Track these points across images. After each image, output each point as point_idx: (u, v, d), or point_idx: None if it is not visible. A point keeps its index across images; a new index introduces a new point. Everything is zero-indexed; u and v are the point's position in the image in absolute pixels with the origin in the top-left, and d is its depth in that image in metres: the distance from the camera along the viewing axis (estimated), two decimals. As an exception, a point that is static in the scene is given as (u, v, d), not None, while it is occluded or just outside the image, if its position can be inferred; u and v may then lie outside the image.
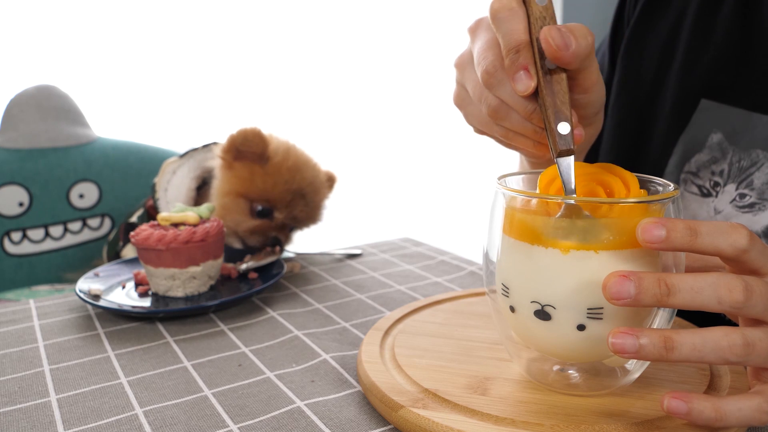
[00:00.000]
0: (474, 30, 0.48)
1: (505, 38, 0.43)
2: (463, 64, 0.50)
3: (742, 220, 0.58)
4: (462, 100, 0.52)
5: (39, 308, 0.67)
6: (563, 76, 0.43)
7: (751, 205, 0.57)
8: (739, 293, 0.35)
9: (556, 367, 0.46)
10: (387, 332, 0.53)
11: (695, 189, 0.62)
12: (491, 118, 0.47)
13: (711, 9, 0.64)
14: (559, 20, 2.37)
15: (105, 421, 0.44)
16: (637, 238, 0.36)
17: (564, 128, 0.42)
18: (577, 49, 0.41)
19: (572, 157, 0.42)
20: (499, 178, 0.45)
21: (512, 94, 0.44)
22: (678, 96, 0.65)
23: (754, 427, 0.40)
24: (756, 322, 0.37)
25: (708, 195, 0.60)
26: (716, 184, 0.59)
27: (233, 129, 0.81)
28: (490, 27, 0.45)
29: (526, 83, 0.42)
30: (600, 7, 2.17)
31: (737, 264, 0.38)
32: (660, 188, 0.43)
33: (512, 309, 0.42)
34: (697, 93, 0.63)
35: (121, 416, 0.45)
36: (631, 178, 0.41)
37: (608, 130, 0.74)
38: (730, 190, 0.59)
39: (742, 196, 0.58)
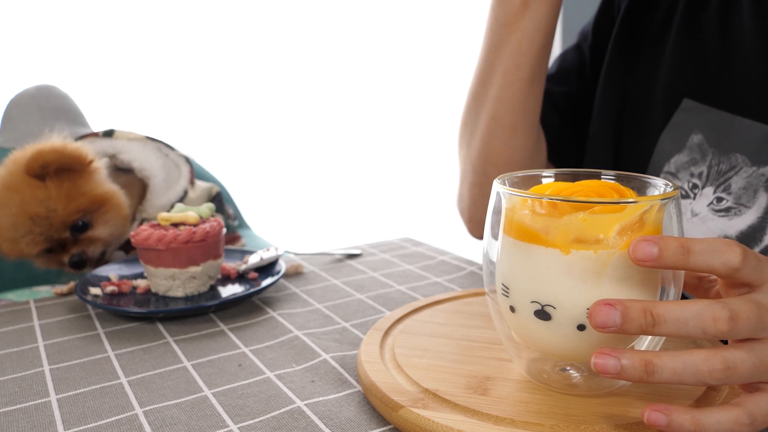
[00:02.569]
0: None
1: None
2: None
3: (718, 223, 0.58)
4: None
5: (39, 308, 0.67)
6: None
7: (727, 210, 0.57)
8: (724, 324, 0.35)
9: (556, 367, 0.46)
10: (387, 332, 0.53)
11: None
12: None
13: (698, 7, 0.63)
14: (558, 21, 2.37)
15: (105, 421, 0.44)
16: (628, 255, 0.36)
17: None
18: None
19: None
20: (499, 178, 0.45)
21: None
22: (663, 93, 0.64)
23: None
24: (743, 340, 0.37)
25: (686, 197, 0.60)
26: (695, 186, 0.60)
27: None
28: None
29: None
30: (600, 7, 2.17)
31: (729, 280, 0.38)
32: (660, 188, 0.43)
33: (512, 309, 0.42)
34: (681, 92, 0.63)
35: (121, 416, 0.45)
36: (629, 192, 0.41)
37: (595, 123, 0.73)
38: (707, 194, 0.59)
39: (719, 199, 0.58)
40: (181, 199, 0.84)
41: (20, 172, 0.73)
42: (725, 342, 0.49)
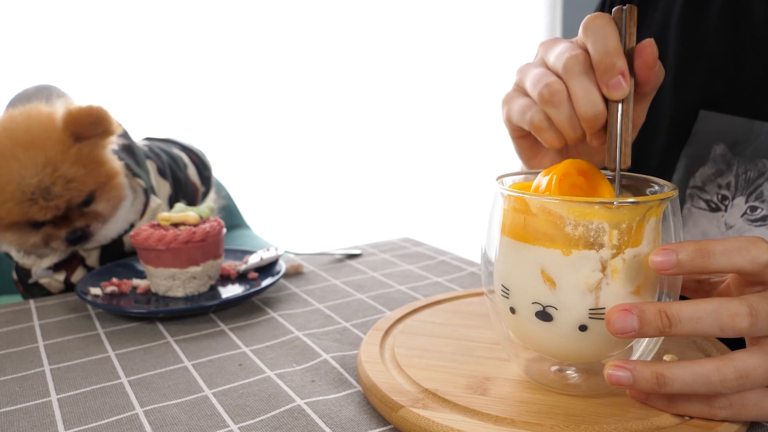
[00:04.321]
0: (549, 42, 0.48)
1: (603, 42, 0.42)
2: (526, 67, 0.49)
3: (756, 234, 0.56)
4: (511, 98, 0.51)
5: (39, 308, 0.67)
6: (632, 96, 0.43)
7: (764, 218, 0.55)
8: (743, 320, 0.35)
9: (554, 368, 0.46)
10: (387, 332, 0.54)
11: (703, 204, 0.60)
12: (544, 99, 0.45)
13: (695, 16, 0.62)
14: (558, 21, 2.36)
15: (105, 420, 0.44)
16: (650, 266, 0.37)
17: (627, 149, 0.42)
18: (659, 73, 0.43)
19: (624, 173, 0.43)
20: (498, 179, 0.45)
21: (586, 88, 0.43)
22: (675, 110, 0.63)
23: (757, 425, 0.41)
24: (760, 338, 0.37)
25: (717, 209, 0.58)
26: (724, 197, 0.58)
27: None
28: (568, 41, 0.46)
29: (623, 88, 0.41)
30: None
31: (754, 278, 0.38)
32: (660, 188, 0.43)
33: (512, 310, 0.42)
34: (695, 105, 0.61)
35: (122, 416, 0.45)
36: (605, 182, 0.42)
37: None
38: (739, 204, 0.57)
39: (753, 209, 0.56)
40: (125, 232, 0.78)
41: (43, 130, 0.68)
42: (735, 342, 0.49)
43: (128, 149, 0.84)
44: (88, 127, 0.70)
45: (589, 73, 0.43)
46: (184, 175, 0.95)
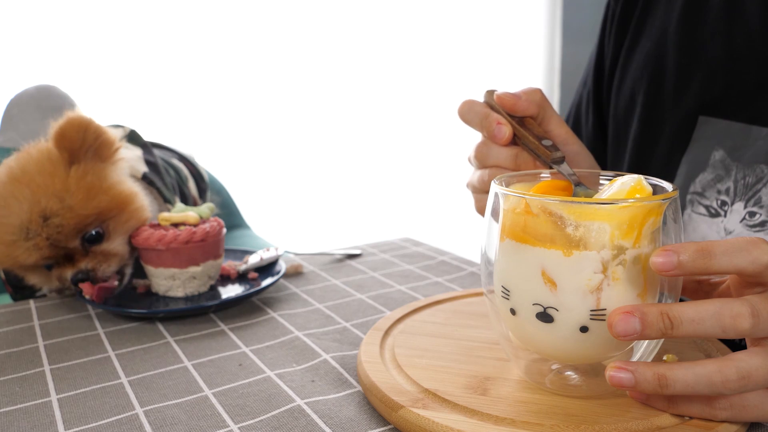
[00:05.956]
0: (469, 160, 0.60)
1: (475, 118, 0.55)
2: (470, 181, 0.60)
3: None
4: (479, 203, 0.60)
5: (39, 308, 0.67)
6: (531, 120, 0.54)
7: (762, 224, 0.55)
8: (745, 321, 0.35)
9: (554, 366, 0.46)
10: (387, 332, 0.54)
11: (702, 209, 0.60)
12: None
13: (692, 23, 0.63)
14: (558, 21, 2.36)
15: (105, 420, 0.44)
16: (651, 268, 0.37)
17: (547, 142, 0.51)
18: (526, 98, 0.53)
19: (564, 160, 0.48)
20: (497, 179, 0.45)
21: (498, 154, 0.54)
22: (676, 116, 0.63)
23: (757, 425, 0.41)
24: (761, 339, 0.37)
25: (716, 215, 0.59)
26: (723, 203, 0.58)
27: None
28: (476, 143, 0.57)
29: (503, 130, 0.52)
30: (600, 9, 2.17)
31: (754, 278, 0.38)
32: (660, 189, 0.43)
33: (513, 311, 0.42)
34: (695, 111, 0.62)
35: (122, 416, 0.45)
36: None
37: (610, 157, 0.73)
38: (738, 209, 0.57)
39: (752, 214, 0.56)
40: None
41: (36, 162, 0.64)
42: (739, 342, 0.48)
43: (154, 168, 0.78)
44: (76, 136, 0.64)
45: (490, 146, 0.55)
46: (187, 189, 0.93)
